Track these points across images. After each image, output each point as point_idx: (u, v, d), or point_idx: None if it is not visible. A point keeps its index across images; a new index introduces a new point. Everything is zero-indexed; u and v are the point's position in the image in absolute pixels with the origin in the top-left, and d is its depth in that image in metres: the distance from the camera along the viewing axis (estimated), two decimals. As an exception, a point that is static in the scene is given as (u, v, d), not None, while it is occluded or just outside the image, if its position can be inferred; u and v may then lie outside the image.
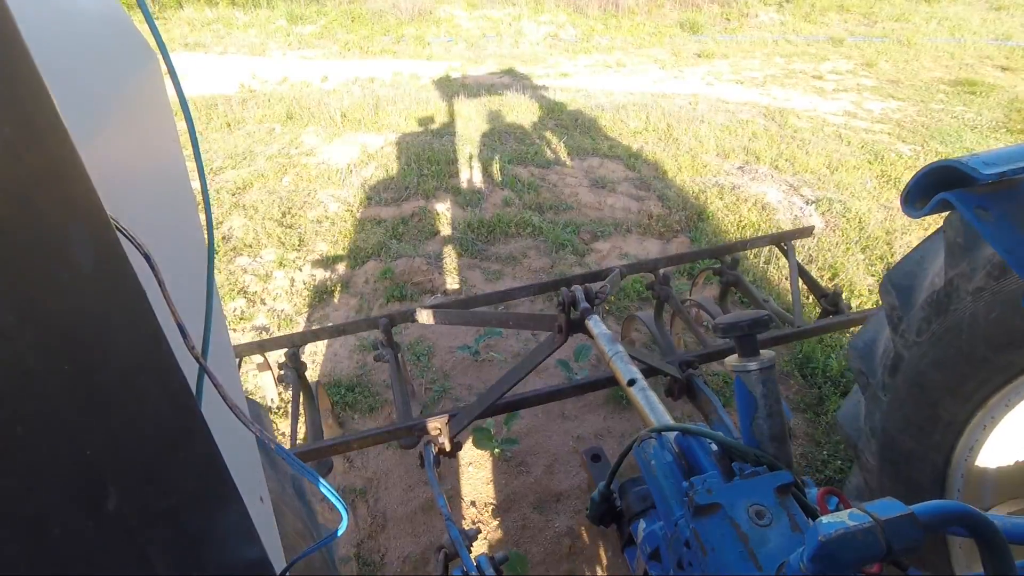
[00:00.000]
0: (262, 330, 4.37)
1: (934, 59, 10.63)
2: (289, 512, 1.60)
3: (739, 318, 1.33)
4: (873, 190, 6.12)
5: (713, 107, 8.44)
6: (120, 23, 0.90)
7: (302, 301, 4.66)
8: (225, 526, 0.71)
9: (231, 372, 1.23)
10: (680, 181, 6.31)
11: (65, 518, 0.46)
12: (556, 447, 3.39)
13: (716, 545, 1.11)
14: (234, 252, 5.18)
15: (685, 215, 5.67)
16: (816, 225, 5.38)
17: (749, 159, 6.84)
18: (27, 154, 0.41)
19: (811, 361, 3.87)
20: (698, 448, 1.38)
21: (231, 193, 6.05)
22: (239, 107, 8.34)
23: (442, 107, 8.49)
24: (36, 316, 0.42)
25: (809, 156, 6.82)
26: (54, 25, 0.69)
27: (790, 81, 9.73)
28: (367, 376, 3.92)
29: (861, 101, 8.79)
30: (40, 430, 0.43)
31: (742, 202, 5.89)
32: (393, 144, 7.18)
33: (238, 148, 7.08)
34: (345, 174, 6.44)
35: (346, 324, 3.13)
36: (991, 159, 1.27)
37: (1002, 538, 0.84)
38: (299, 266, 5.05)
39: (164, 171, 0.94)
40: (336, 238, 5.40)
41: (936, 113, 8.18)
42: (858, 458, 2.03)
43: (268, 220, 5.61)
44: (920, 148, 7.08)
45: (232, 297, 4.64)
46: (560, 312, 2.14)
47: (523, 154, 6.89)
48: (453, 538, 1.90)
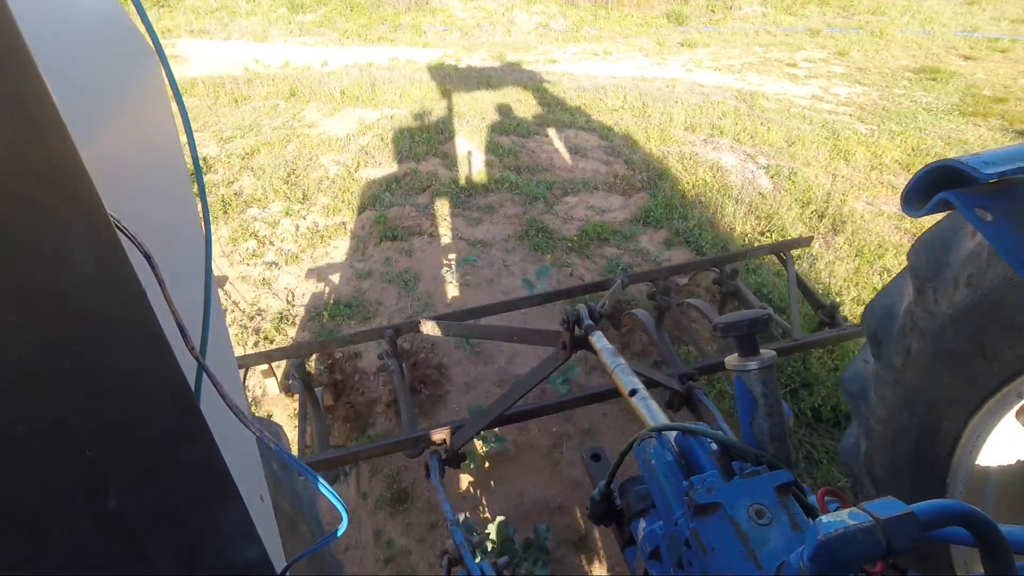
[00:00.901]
0: (271, 264, 5.01)
1: (903, 49, 11.29)
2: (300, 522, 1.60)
3: (738, 318, 1.33)
4: (824, 160, 6.72)
5: (689, 90, 9.03)
6: (120, 22, 0.90)
7: (306, 242, 5.24)
8: (225, 525, 0.71)
9: (231, 372, 1.23)
10: (647, 149, 6.91)
11: (66, 518, 0.46)
12: (517, 345, 3.82)
13: (716, 544, 1.11)
14: (245, 204, 5.75)
15: (647, 176, 6.26)
16: (765, 186, 6.08)
17: (714, 133, 7.41)
18: (28, 153, 0.41)
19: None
20: (698, 447, 1.38)
21: (240, 158, 6.59)
22: (245, 86, 8.91)
23: (434, 87, 9.02)
24: (37, 315, 0.42)
25: (770, 132, 7.39)
26: (54, 24, 0.69)
27: (765, 68, 10.32)
28: (362, 296, 4.61)
29: (829, 86, 9.39)
30: (40, 429, 0.43)
31: (699, 166, 6.50)
32: (388, 118, 7.73)
33: (245, 121, 7.69)
34: (344, 142, 7.00)
35: (352, 335, 3.15)
36: (991, 159, 1.27)
37: (1002, 537, 0.84)
38: (303, 215, 5.64)
39: (164, 169, 0.94)
40: (336, 194, 5.97)
41: (897, 97, 8.74)
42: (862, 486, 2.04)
43: (275, 179, 6.16)
44: (876, 127, 7.58)
45: (244, 239, 5.24)
46: (565, 330, 2.20)
47: (506, 126, 7.46)
48: (457, 543, 1.96)
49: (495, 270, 4.87)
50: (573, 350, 2.20)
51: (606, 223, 5.45)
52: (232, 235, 5.30)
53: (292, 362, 3.00)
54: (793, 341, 2.99)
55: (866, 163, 6.69)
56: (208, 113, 8.00)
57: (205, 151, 6.85)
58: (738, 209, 5.63)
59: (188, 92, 8.76)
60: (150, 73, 0.93)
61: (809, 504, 1.19)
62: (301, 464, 0.81)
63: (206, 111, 8.09)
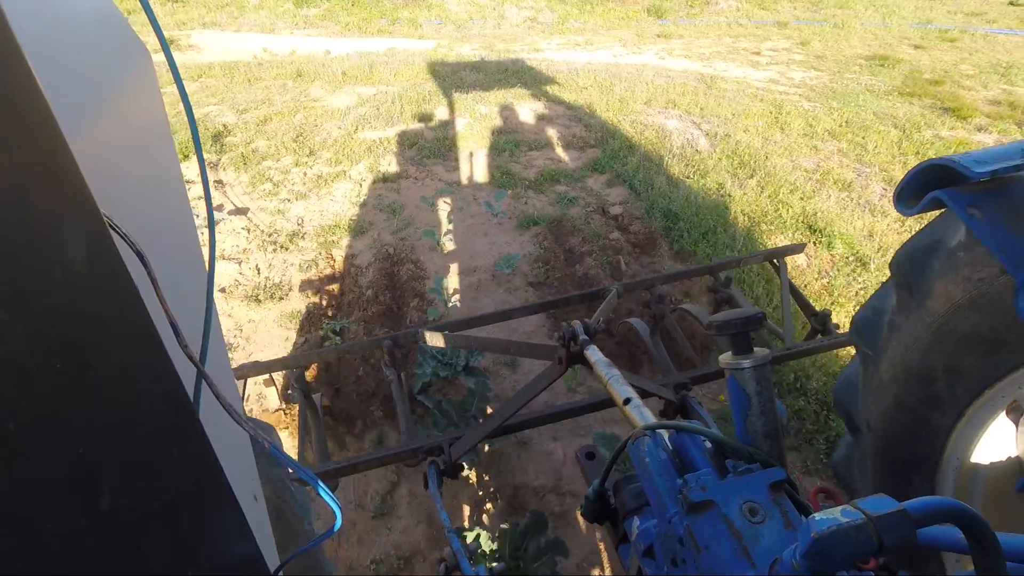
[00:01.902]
0: (285, 200, 6.02)
1: (860, 39, 12.15)
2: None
3: (732, 316, 1.33)
4: (762, 129, 7.53)
5: (657, 73, 9.86)
6: (113, 21, 0.90)
7: (312, 185, 6.28)
8: (219, 524, 0.71)
9: (225, 371, 1.23)
10: (605, 117, 7.90)
11: (59, 516, 0.45)
12: (481, 249, 5.18)
13: (710, 542, 1.12)
14: (261, 158, 6.83)
15: (600, 136, 7.31)
16: (702, 145, 7.07)
17: (668, 106, 8.30)
18: (20, 151, 0.41)
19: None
20: (692, 445, 1.38)
21: (255, 124, 7.70)
22: (256, 69, 10.04)
23: (424, 69, 10.07)
24: (29, 314, 0.42)
25: (720, 106, 8.22)
26: (47, 23, 0.68)
27: (732, 56, 11.18)
28: (357, 219, 5.65)
29: (787, 72, 10.26)
30: (33, 428, 0.43)
31: (647, 129, 7.47)
32: (384, 93, 8.84)
33: (258, 96, 8.74)
34: (344, 112, 8.10)
35: (351, 345, 3.16)
36: (983, 157, 1.28)
37: (993, 535, 0.85)
38: (310, 166, 6.69)
39: (157, 167, 0.94)
40: (337, 150, 6.98)
41: (846, 81, 9.59)
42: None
43: (286, 139, 7.22)
44: (819, 105, 8.44)
45: (262, 183, 6.32)
46: (561, 346, 2.24)
47: (485, 98, 8.57)
48: (455, 549, 2.00)
49: (465, 200, 5.99)
50: (569, 365, 2.25)
51: (560, 169, 6.54)
52: (251, 180, 6.36)
53: (292, 373, 3.01)
54: (786, 350, 3.01)
55: (800, 131, 7.50)
56: (225, 90, 9.04)
57: (224, 120, 7.82)
58: (673, 160, 6.63)
59: (205, 74, 9.72)
60: (143, 71, 0.92)
61: (802, 502, 1.20)
62: (296, 464, 0.81)
63: (223, 89, 9.10)
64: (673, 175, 6.29)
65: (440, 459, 2.48)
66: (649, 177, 6.14)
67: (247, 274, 4.89)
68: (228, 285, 4.71)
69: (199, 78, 9.55)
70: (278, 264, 5.00)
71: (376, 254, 5.08)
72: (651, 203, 5.65)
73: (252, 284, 4.76)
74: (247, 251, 5.18)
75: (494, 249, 5.15)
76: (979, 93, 8.82)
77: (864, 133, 7.34)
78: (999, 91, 8.91)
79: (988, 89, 8.99)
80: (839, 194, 5.98)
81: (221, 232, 5.38)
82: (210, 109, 8.18)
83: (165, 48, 0.80)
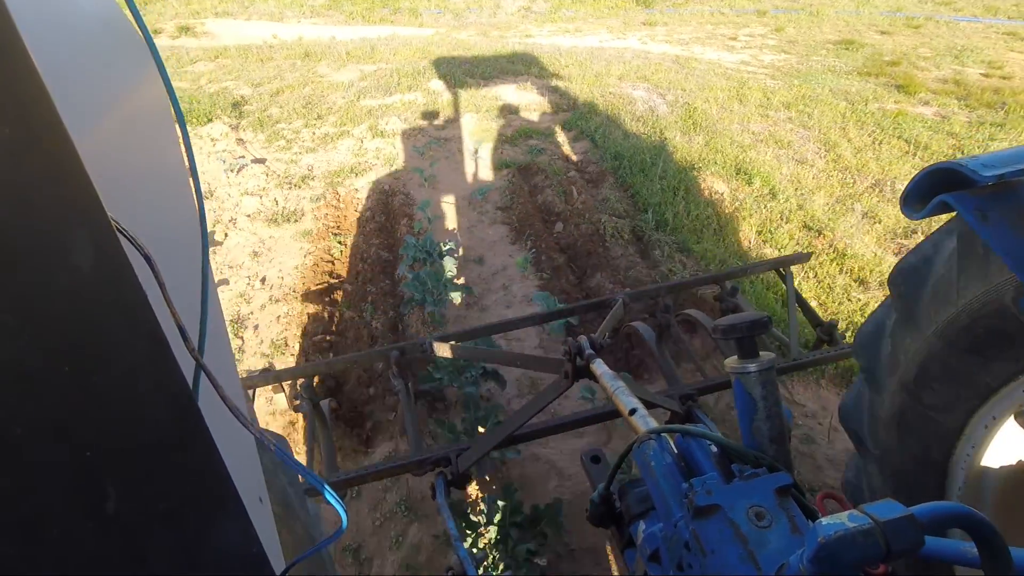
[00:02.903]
0: (296, 153, 7.07)
1: (832, 26, 13.01)
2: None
3: (738, 320, 1.33)
4: (721, 100, 8.35)
5: (636, 55, 10.78)
6: (119, 25, 0.90)
7: (320, 142, 7.31)
8: (224, 527, 0.71)
9: (231, 374, 1.23)
10: (580, 89, 8.82)
11: (65, 519, 0.45)
12: (460, 184, 6.28)
13: (716, 547, 1.11)
14: (274, 122, 7.88)
15: (572, 103, 8.32)
16: (662, 110, 8.00)
17: (639, 81, 9.19)
18: (27, 155, 0.41)
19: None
20: (698, 450, 1.38)
21: (269, 95, 8.84)
22: (267, 50, 11.16)
23: (421, 51, 11.04)
24: (36, 317, 0.42)
25: (687, 82, 9.05)
26: (53, 26, 0.69)
27: (710, 41, 12.05)
28: (359, 166, 6.70)
29: (758, 55, 11.09)
30: (40, 431, 0.43)
31: (615, 97, 8.40)
32: (383, 69, 9.92)
33: (270, 73, 9.84)
34: (348, 85, 9.15)
35: (358, 355, 3.16)
36: (991, 161, 1.27)
37: (1002, 540, 0.84)
38: (318, 127, 7.74)
39: (163, 172, 0.94)
40: (342, 115, 8.04)
41: (812, 63, 10.43)
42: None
43: (296, 107, 8.32)
44: (782, 82, 9.24)
45: (276, 140, 7.34)
46: (567, 360, 2.26)
47: (474, 72, 9.51)
48: (461, 558, 2.03)
49: (450, 150, 7.02)
50: (575, 379, 2.27)
51: (534, 128, 7.51)
52: (267, 138, 7.43)
53: (302, 383, 3.02)
54: (792, 361, 3.00)
55: (756, 103, 8.31)
56: (240, 69, 10.08)
57: (241, 92, 8.93)
58: (633, 121, 7.58)
59: (221, 56, 10.79)
60: (149, 74, 0.93)
61: (809, 506, 1.19)
62: (303, 468, 0.81)
63: (238, 68, 10.15)
64: (630, 131, 7.28)
65: (448, 470, 2.50)
66: (609, 132, 7.15)
67: (267, 204, 5.95)
68: (252, 212, 5.80)
69: (216, 59, 10.59)
70: (292, 198, 6.09)
71: (373, 188, 6.19)
72: (606, 150, 6.70)
73: (271, 212, 5.82)
74: (266, 188, 6.27)
75: (471, 184, 6.33)
76: (931, 73, 9.61)
77: (815, 105, 8.14)
78: (950, 71, 9.65)
79: (940, 69, 9.77)
80: (777, 150, 6.88)
81: (244, 176, 6.43)
82: (228, 84, 9.24)
83: (145, 32, 0.81)
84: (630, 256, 4.82)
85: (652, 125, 7.41)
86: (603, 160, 6.48)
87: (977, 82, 8.94)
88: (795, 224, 5.39)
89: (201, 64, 10.38)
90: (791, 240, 5.16)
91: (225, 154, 6.86)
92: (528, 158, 6.65)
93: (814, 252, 4.82)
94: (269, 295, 4.66)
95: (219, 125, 7.56)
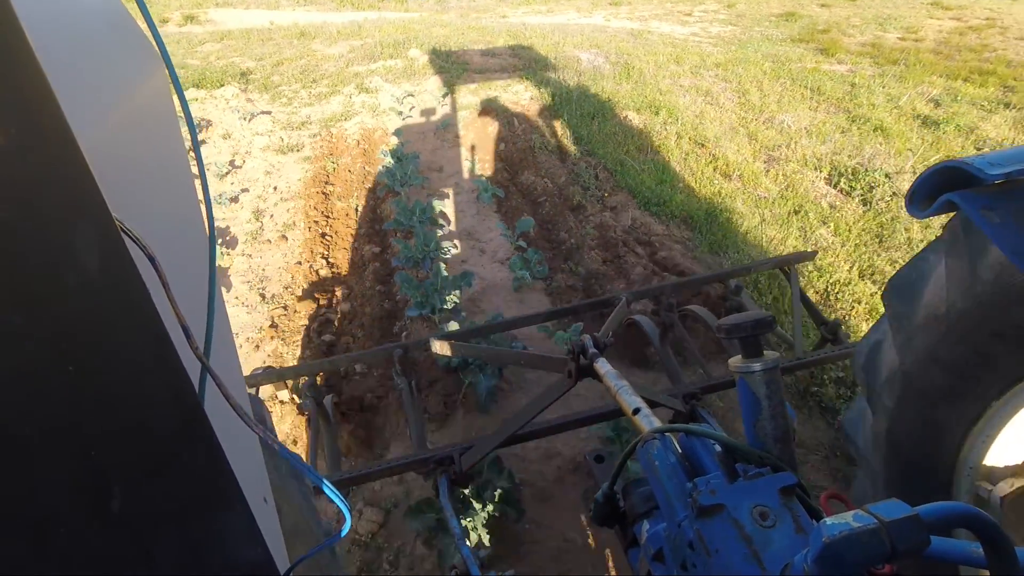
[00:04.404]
0: (296, 107, 8.76)
1: (780, 1, 14.76)
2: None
3: (742, 319, 1.32)
4: (660, 62, 9.93)
5: (596, 30, 12.45)
6: (124, 24, 0.91)
7: (315, 99, 9.02)
8: (229, 527, 0.71)
9: (235, 374, 1.23)
10: (538, 54, 10.54)
11: (70, 519, 0.46)
12: (429, 119, 8.10)
13: (720, 546, 1.11)
14: (276, 86, 9.61)
15: (527, 64, 10.01)
16: (604, 68, 9.63)
17: (592, 48, 10.75)
18: (31, 155, 0.41)
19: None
20: (702, 449, 1.38)
21: (271, 66, 10.54)
22: (267, 32, 12.95)
23: (404, 28, 12.84)
24: (42, 317, 0.42)
25: (635, 49, 10.61)
26: (58, 26, 0.69)
27: (667, 17, 13.76)
28: (347, 115, 8.32)
29: (708, 27, 12.69)
30: (45, 431, 0.43)
31: (566, 59, 10.11)
32: (369, 43, 11.72)
33: (270, 50, 11.59)
34: (338, 57, 10.96)
35: (361, 354, 3.18)
36: (997, 160, 1.27)
37: (1007, 539, 0.84)
38: (313, 89, 9.44)
39: (168, 172, 0.94)
40: (333, 79, 9.80)
41: (753, 33, 12.00)
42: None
43: (295, 74, 10.14)
44: (721, 49, 10.71)
45: (279, 99, 9.11)
46: (571, 359, 2.26)
47: (447, 44, 11.28)
48: (465, 556, 2.03)
49: (423, 99, 8.73)
50: (579, 378, 2.27)
51: (494, 81, 9.24)
52: (271, 97, 9.16)
53: (305, 381, 3.03)
54: (796, 359, 3.00)
55: (692, 64, 9.81)
56: (244, 47, 11.90)
57: (246, 64, 10.58)
58: (577, 76, 9.25)
59: (226, 37, 12.56)
60: (154, 73, 0.93)
61: (813, 506, 1.19)
62: (306, 465, 0.81)
63: (242, 46, 11.92)
64: (572, 83, 8.97)
65: (451, 469, 2.51)
66: (553, 83, 8.96)
67: (274, 141, 7.58)
68: (262, 147, 7.41)
69: (222, 40, 12.34)
70: (294, 136, 7.74)
71: (359, 126, 7.78)
72: (548, 95, 8.47)
73: (278, 145, 7.45)
74: (272, 131, 7.89)
75: (437, 120, 7.97)
76: (855, 38, 11.22)
77: (743, 65, 9.60)
78: (872, 36, 11.25)
79: (863, 35, 11.41)
80: (696, 97, 8.43)
81: (254, 123, 8.03)
82: (234, 59, 10.98)
83: (148, 19, 0.81)
84: (552, 161, 6.67)
85: (591, 78, 9.18)
86: (542, 101, 8.35)
87: (892, 45, 10.57)
88: (686, 140, 7.05)
89: (208, 45, 12.06)
90: (679, 149, 6.84)
91: (238, 108, 8.38)
92: (485, 103, 8.27)
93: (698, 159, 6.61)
94: (280, 197, 6.34)
95: (231, 88, 9.15)
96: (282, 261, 5.18)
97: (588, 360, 2.20)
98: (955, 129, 6.98)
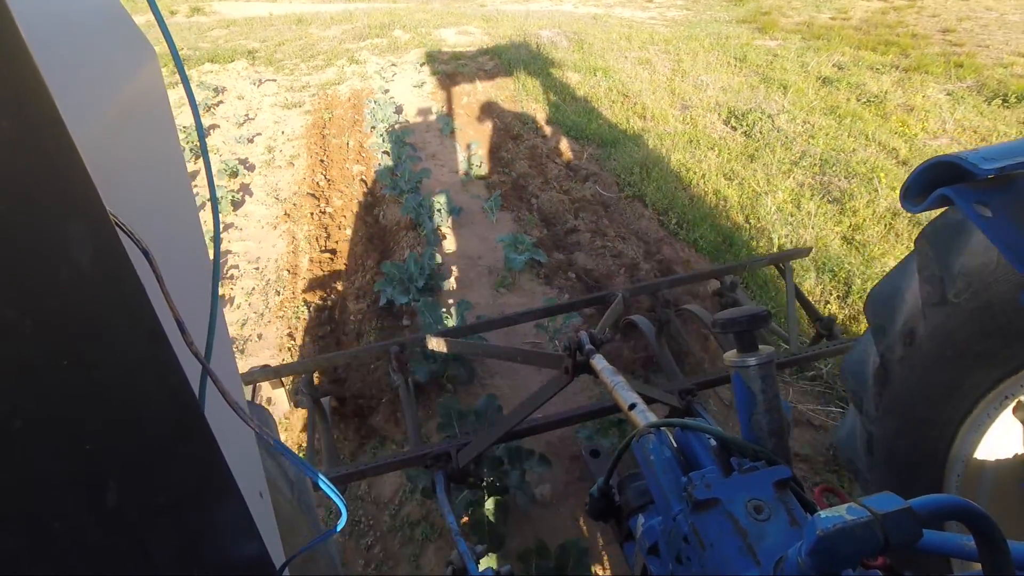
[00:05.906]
0: (296, 77, 10.25)
1: None
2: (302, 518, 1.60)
3: (737, 314, 1.33)
4: (613, 39, 11.47)
5: (563, 15, 14.00)
6: (118, 18, 0.90)
7: (313, 70, 10.50)
8: (225, 521, 0.71)
9: (231, 369, 1.23)
10: (504, 34, 12.20)
11: (65, 514, 0.46)
12: (407, 82, 9.65)
13: (715, 540, 1.11)
14: (279, 61, 11.09)
15: (495, 40, 11.66)
16: (562, 44, 11.26)
17: (554, 28, 12.38)
18: (26, 150, 0.41)
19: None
20: (697, 443, 1.38)
21: (274, 46, 12.07)
22: (268, 20, 14.56)
23: (391, 13, 14.51)
24: (35, 312, 0.42)
25: (593, 29, 12.22)
26: (52, 21, 0.68)
27: (630, 3, 15.35)
28: (339, 82, 9.89)
29: (665, 12, 14.26)
30: (40, 425, 0.43)
31: (529, 36, 11.70)
32: (359, 26, 13.43)
33: (272, 34, 13.15)
34: (332, 38, 12.60)
35: (358, 350, 3.18)
36: (991, 154, 1.27)
37: (1000, 533, 0.84)
38: (311, 62, 10.94)
39: (163, 167, 0.94)
40: (328, 54, 11.35)
41: (704, 16, 13.63)
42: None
43: (295, 51, 11.71)
44: (671, 30, 12.27)
45: (281, 71, 10.57)
46: (567, 356, 2.26)
47: (427, 25, 13.11)
48: (461, 552, 2.04)
49: (404, 69, 10.21)
50: (575, 374, 2.27)
51: (463, 54, 10.85)
52: (275, 70, 10.55)
53: (301, 378, 3.02)
54: (792, 355, 3.00)
55: (641, 40, 11.33)
56: (248, 32, 13.45)
57: (252, 46, 12.11)
58: (537, 49, 10.83)
59: (231, 25, 14.17)
60: (149, 69, 0.92)
61: (807, 499, 1.19)
62: (301, 460, 0.81)
63: (247, 32, 13.48)
64: (529, 53, 10.59)
65: (448, 465, 2.51)
66: (512, 54, 10.49)
67: (280, 99, 9.14)
68: (271, 104, 9.03)
69: (228, 27, 13.92)
70: (296, 97, 9.28)
71: (350, 88, 9.43)
72: (506, 62, 10.18)
73: (284, 103, 9.02)
74: (278, 92, 9.49)
75: (414, 82, 9.48)
76: (792, 18, 12.72)
77: (686, 43, 11.00)
78: (807, 16, 12.75)
79: (800, 16, 12.94)
80: (637, 66, 9.86)
81: (263, 88, 9.69)
82: (241, 41, 12.49)
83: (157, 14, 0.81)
84: (503, 107, 8.44)
85: (548, 50, 10.78)
86: (503, 67, 10.03)
87: (824, 24, 12.00)
88: (615, 92, 8.78)
89: (216, 31, 13.67)
90: (608, 100, 8.51)
91: (248, 76, 10.16)
92: (455, 69, 9.89)
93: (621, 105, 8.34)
94: (286, 138, 7.90)
95: (240, 62, 10.90)
96: (291, 178, 6.87)
97: (584, 356, 2.20)
98: (847, 86, 8.48)
